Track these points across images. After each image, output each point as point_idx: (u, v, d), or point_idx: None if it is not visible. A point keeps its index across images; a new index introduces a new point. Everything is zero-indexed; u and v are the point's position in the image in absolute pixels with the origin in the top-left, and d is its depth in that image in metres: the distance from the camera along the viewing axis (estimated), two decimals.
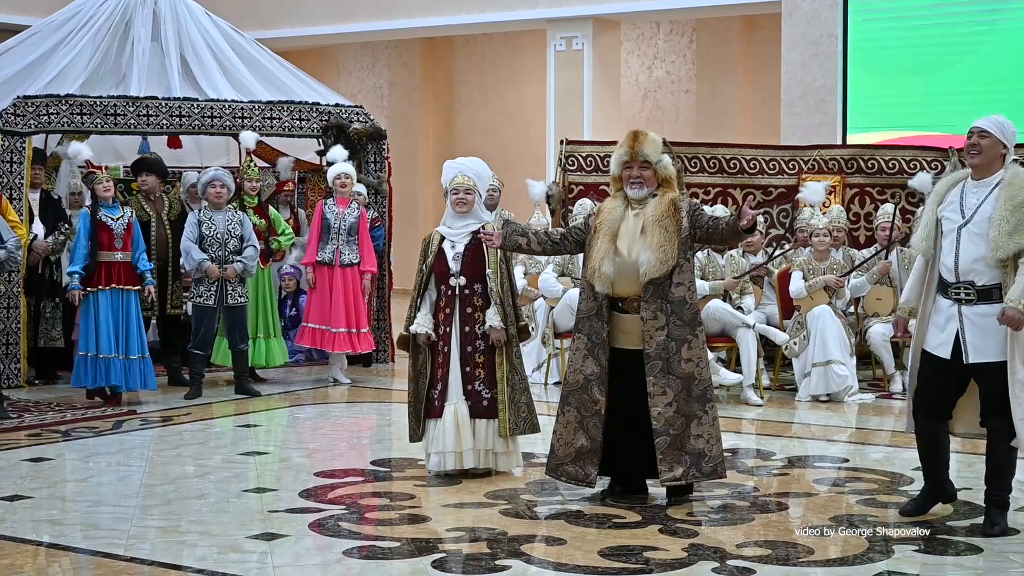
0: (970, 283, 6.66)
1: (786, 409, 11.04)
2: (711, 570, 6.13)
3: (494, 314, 7.99)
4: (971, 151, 6.74)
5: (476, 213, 8.12)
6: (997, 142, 6.70)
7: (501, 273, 8.05)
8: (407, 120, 23.34)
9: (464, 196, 8.07)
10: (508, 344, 8.05)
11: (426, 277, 8.09)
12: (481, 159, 8.37)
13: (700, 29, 21.05)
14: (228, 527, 6.98)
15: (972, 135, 6.76)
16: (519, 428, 8.08)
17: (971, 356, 6.67)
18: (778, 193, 12.02)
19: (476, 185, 8.10)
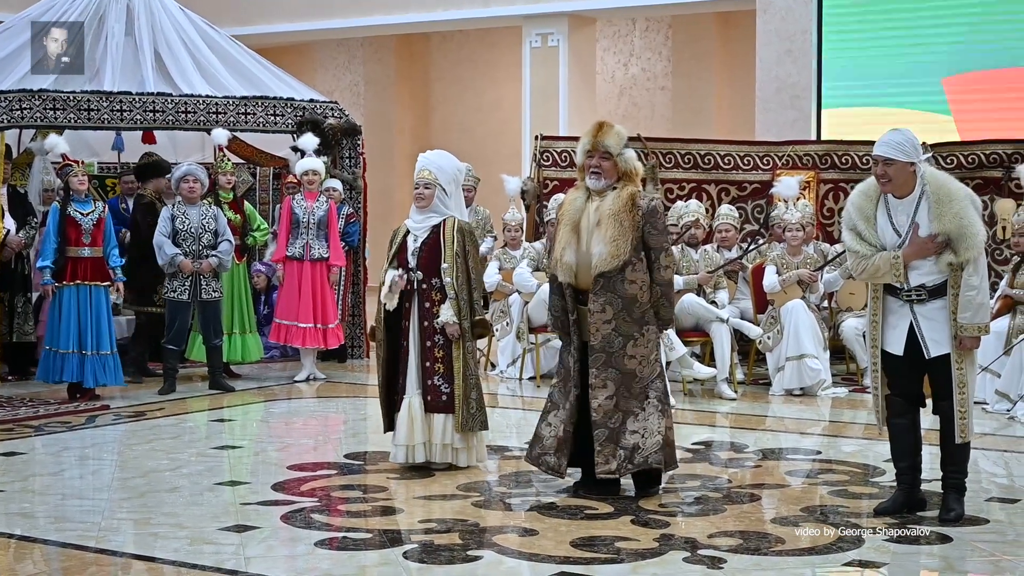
0: (921, 286, 6.75)
1: (760, 403, 11.07)
2: (682, 559, 6.15)
3: (447, 308, 7.99)
4: (881, 180, 6.74)
5: (438, 208, 8.08)
6: (904, 165, 6.70)
7: (457, 268, 8.01)
8: (383, 117, 23.33)
9: (422, 191, 8.04)
10: (463, 339, 8.04)
11: (388, 266, 8.10)
12: (453, 154, 8.35)
13: (676, 26, 21.09)
14: (200, 520, 6.97)
15: (877, 164, 6.74)
16: (469, 424, 8.04)
17: (931, 351, 6.76)
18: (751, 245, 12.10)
19: (438, 179, 8.04)
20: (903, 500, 6.98)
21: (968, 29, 15.65)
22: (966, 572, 6.16)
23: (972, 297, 6.63)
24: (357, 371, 13.08)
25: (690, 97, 20.71)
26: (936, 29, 15.81)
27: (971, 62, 15.55)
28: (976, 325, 6.64)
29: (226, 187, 12.16)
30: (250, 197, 13.79)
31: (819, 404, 10.95)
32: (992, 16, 15.51)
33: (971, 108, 15.31)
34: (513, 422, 10.32)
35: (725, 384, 11.18)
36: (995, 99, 15.24)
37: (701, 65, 20.70)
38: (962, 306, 6.64)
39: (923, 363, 6.83)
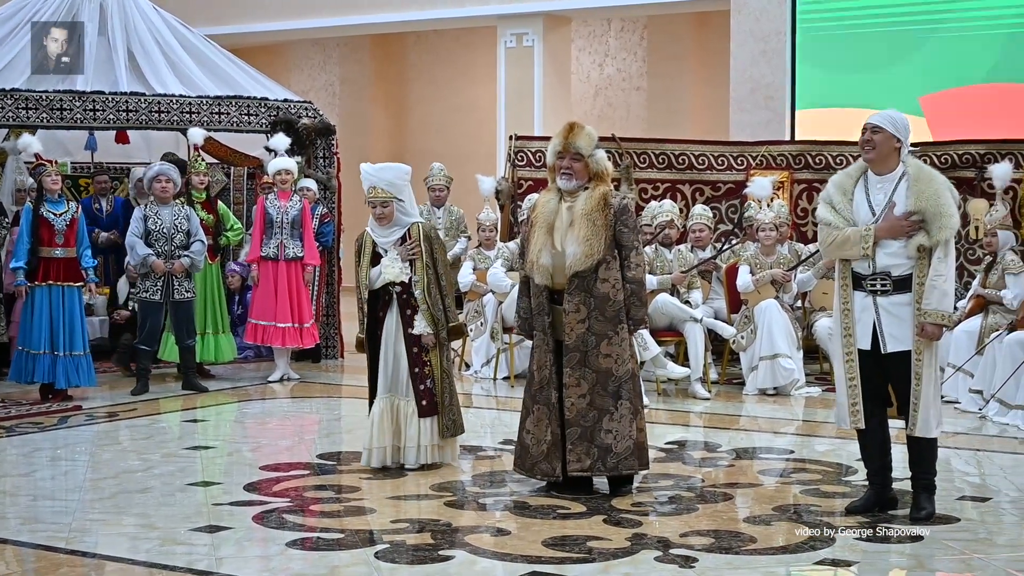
0: (886, 274, 6.75)
1: (733, 402, 11.09)
2: (654, 559, 6.15)
3: (420, 319, 8.02)
4: (865, 147, 6.83)
5: (399, 220, 8.11)
6: (890, 136, 6.79)
7: (428, 278, 8.03)
8: (359, 117, 23.29)
9: (381, 210, 8.08)
10: (439, 348, 8.08)
11: (362, 282, 8.10)
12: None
13: (651, 26, 21.11)
14: (172, 520, 6.95)
15: (865, 131, 6.84)
16: (451, 430, 8.16)
17: (889, 346, 6.77)
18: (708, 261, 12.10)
19: (392, 194, 8.06)
20: (875, 499, 7.00)
21: (940, 31, 15.70)
22: (937, 570, 6.17)
23: (938, 283, 6.63)
24: (331, 371, 13.06)
25: (665, 97, 20.73)
26: (910, 31, 15.86)
27: (943, 68, 15.61)
28: (940, 312, 6.62)
29: (199, 187, 12.13)
30: (224, 197, 13.75)
31: (792, 403, 10.98)
32: (969, 28, 15.57)
33: (947, 123, 15.35)
34: (487, 422, 10.32)
35: (699, 384, 11.20)
36: (971, 114, 15.29)
37: (676, 65, 20.73)
38: (927, 291, 6.63)
39: (883, 360, 6.84)
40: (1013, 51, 15.22)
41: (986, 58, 15.34)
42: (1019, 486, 7.88)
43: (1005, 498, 7.51)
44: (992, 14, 15.40)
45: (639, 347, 10.41)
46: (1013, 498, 7.54)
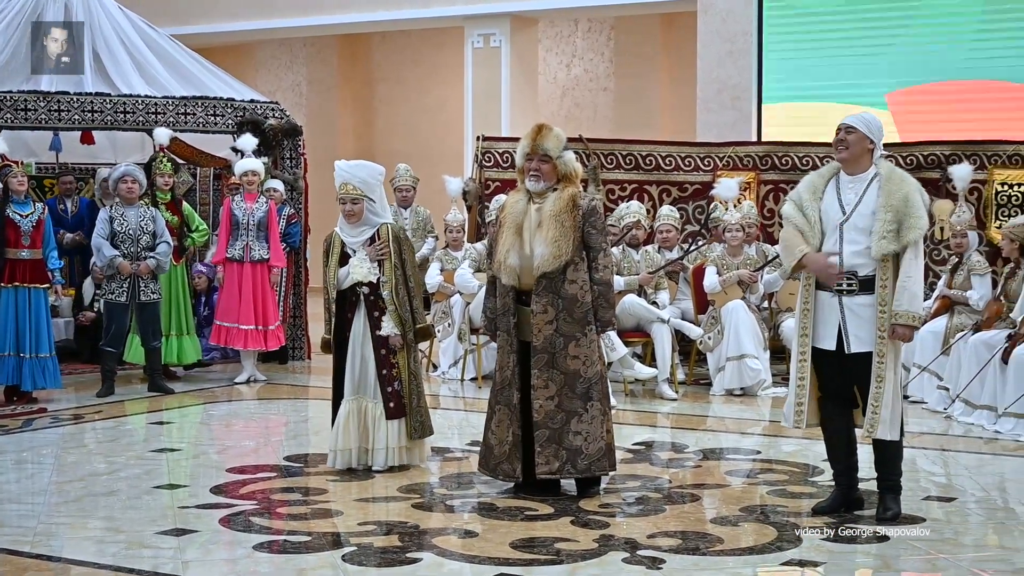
0: (853, 273, 6.77)
1: (700, 403, 11.11)
2: (621, 560, 6.16)
3: (388, 320, 8.00)
4: (839, 147, 6.88)
5: (368, 219, 8.10)
6: (863, 137, 6.83)
7: (396, 279, 8.02)
8: (326, 117, 23.26)
9: (351, 207, 8.06)
10: (406, 349, 8.07)
11: (331, 281, 8.08)
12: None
13: (618, 27, 21.14)
14: (138, 523, 6.91)
15: (839, 131, 6.89)
16: (418, 432, 8.15)
17: (853, 346, 6.80)
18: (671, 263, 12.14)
19: (363, 192, 8.05)
20: (841, 500, 7.03)
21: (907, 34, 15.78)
22: (903, 571, 6.20)
23: (908, 284, 6.66)
24: (298, 373, 13.02)
25: (632, 98, 20.77)
26: (877, 32, 15.92)
27: (911, 68, 15.68)
28: (911, 314, 6.65)
29: (164, 188, 12.07)
30: (190, 198, 13.70)
31: (759, 404, 11.01)
32: (933, 27, 15.64)
33: (913, 120, 15.42)
34: (455, 423, 10.31)
35: (666, 384, 11.21)
36: (937, 111, 15.36)
37: (643, 66, 20.77)
38: (898, 292, 6.66)
39: (848, 360, 6.86)
40: (980, 48, 15.30)
41: (954, 56, 15.40)
42: (984, 486, 7.92)
43: (970, 498, 7.55)
44: (959, 12, 15.47)
45: (606, 348, 10.41)
46: (978, 498, 7.58)
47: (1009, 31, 15.23)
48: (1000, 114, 14.90)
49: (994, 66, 15.20)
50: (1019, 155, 12.41)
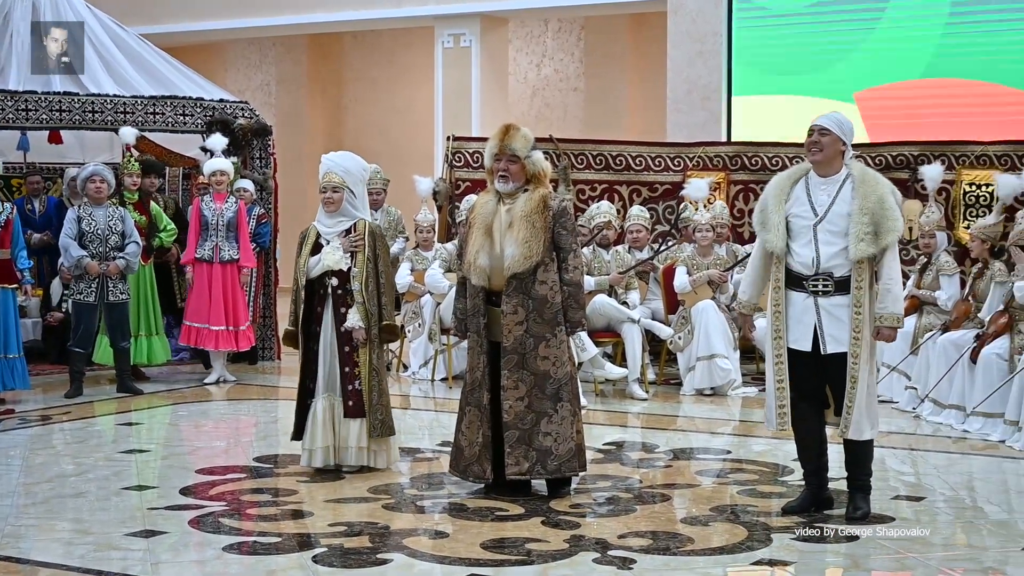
0: (829, 275, 6.79)
1: (671, 403, 11.13)
2: (592, 560, 6.16)
3: (354, 313, 7.97)
4: (812, 148, 6.89)
5: (347, 211, 8.07)
6: (836, 139, 6.85)
7: (367, 273, 7.99)
8: (295, 117, 23.20)
9: (331, 195, 8.03)
10: (370, 345, 8.02)
11: (301, 271, 8.04)
12: (367, 155, 8.32)
13: (588, 27, 21.15)
14: (107, 525, 6.88)
15: (813, 133, 6.90)
16: (378, 430, 8.05)
17: (829, 347, 6.82)
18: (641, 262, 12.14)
19: (345, 182, 8.03)
20: (811, 499, 7.05)
21: (875, 32, 15.83)
22: (872, 570, 6.22)
23: (891, 286, 6.71)
24: (268, 373, 12.98)
25: (602, 98, 20.78)
26: (847, 35, 15.97)
27: (879, 68, 15.73)
28: (895, 315, 6.71)
29: (131, 188, 12.02)
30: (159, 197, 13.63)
31: (729, 404, 11.04)
32: (901, 26, 15.71)
33: (882, 120, 15.48)
34: (425, 423, 10.30)
35: (636, 384, 11.22)
36: (905, 110, 15.42)
37: (613, 66, 20.79)
38: (881, 295, 6.70)
39: (823, 361, 6.88)
40: (949, 47, 15.36)
41: (922, 55, 15.47)
42: (953, 485, 7.96)
43: (939, 497, 7.58)
44: (928, 11, 15.54)
45: (577, 348, 10.43)
46: (947, 497, 7.62)
47: (977, 30, 15.29)
48: (968, 113, 14.97)
49: (962, 65, 15.26)
50: (987, 156, 12.47)
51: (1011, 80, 15.00)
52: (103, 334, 11.59)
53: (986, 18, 15.28)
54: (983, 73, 15.14)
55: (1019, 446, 8.85)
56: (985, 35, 15.22)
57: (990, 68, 15.10)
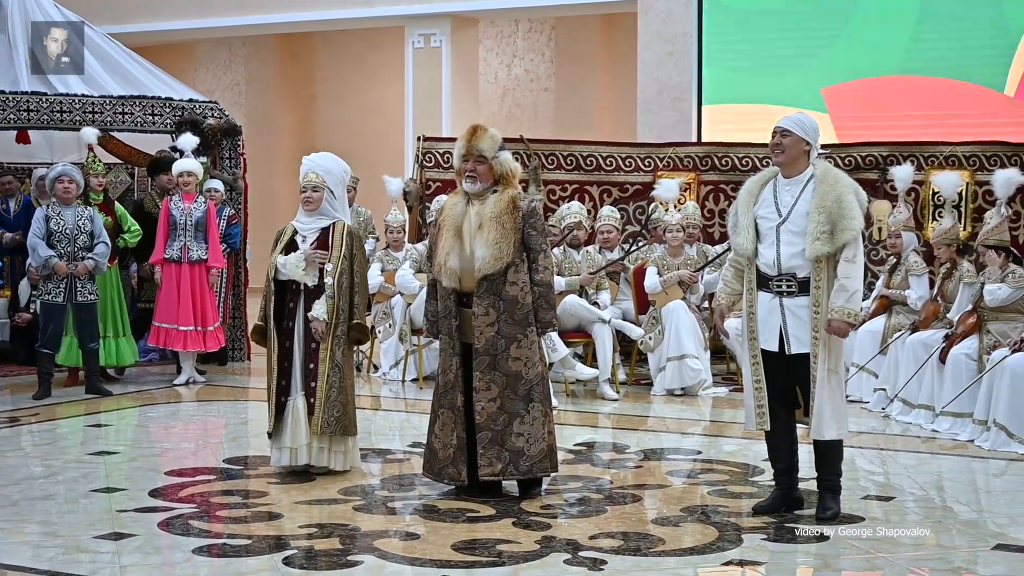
0: (792, 275, 6.81)
1: (641, 403, 11.14)
2: (563, 561, 6.15)
3: (321, 304, 7.92)
4: (775, 150, 6.91)
5: (327, 211, 8.04)
6: (799, 140, 6.87)
7: (341, 270, 7.96)
8: (265, 117, 23.13)
9: (311, 194, 8.00)
10: (333, 342, 7.96)
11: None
12: (337, 155, 8.29)
13: (559, 27, 21.16)
14: (75, 527, 6.84)
15: (775, 135, 6.93)
16: (330, 428, 7.93)
17: (793, 347, 6.84)
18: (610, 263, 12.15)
19: (325, 182, 8.00)
20: (781, 499, 7.07)
21: (846, 34, 15.87)
22: (842, 570, 6.23)
23: (846, 284, 6.69)
24: (238, 374, 12.94)
25: (573, 98, 20.79)
26: (815, 33, 16.01)
27: (849, 67, 15.78)
28: (847, 310, 6.69)
29: (96, 188, 11.95)
30: (128, 198, 13.59)
31: (700, 404, 11.05)
32: (871, 25, 15.76)
33: (850, 116, 15.54)
34: (396, 424, 10.28)
35: (607, 385, 11.23)
36: (873, 106, 15.48)
37: (584, 66, 20.80)
38: (836, 291, 6.70)
39: (789, 361, 6.90)
40: (918, 46, 15.41)
41: (893, 54, 15.52)
42: (922, 485, 7.99)
43: (909, 497, 7.61)
44: (898, 9, 15.59)
45: (547, 349, 10.42)
46: (917, 497, 7.64)
47: (947, 28, 15.35)
48: (936, 111, 15.02)
49: (931, 63, 15.32)
50: (956, 156, 12.53)
51: (981, 79, 15.05)
52: (70, 336, 11.49)
53: (956, 16, 15.33)
54: (953, 71, 15.19)
55: (988, 446, 8.89)
56: (955, 33, 15.27)
57: (960, 66, 15.15)
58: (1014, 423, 8.80)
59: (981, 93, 15.01)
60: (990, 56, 15.01)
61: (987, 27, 15.10)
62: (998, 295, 9.38)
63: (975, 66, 15.07)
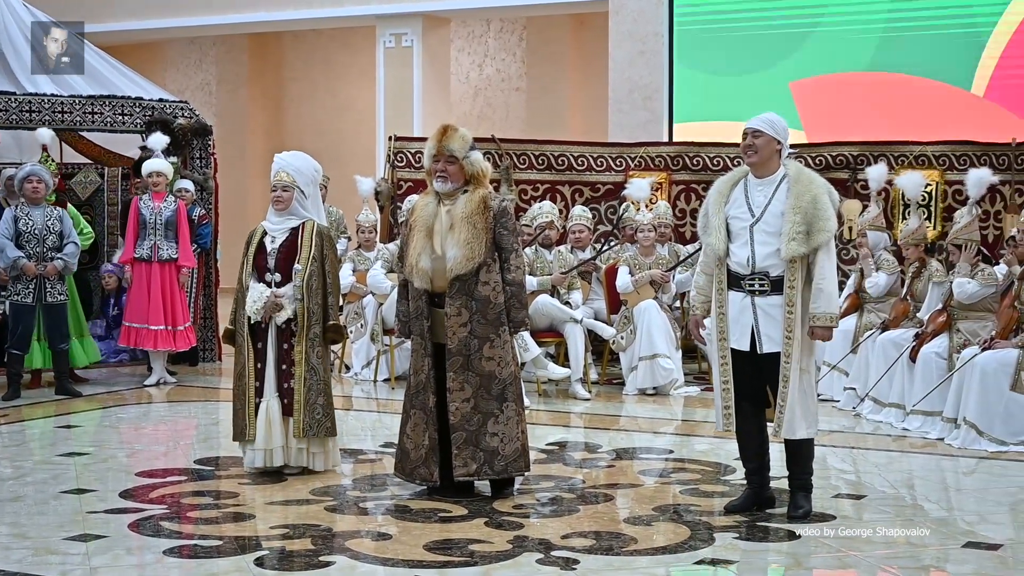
0: (764, 274, 6.82)
1: (613, 403, 11.15)
2: (535, 561, 6.16)
3: (290, 302, 7.91)
4: (747, 152, 6.93)
5: (296, 210, 8.01)
6: (771, 139, 6.90)
7: (311, 271, 7.94)
8: (236, 116, 23.06)
9: (281, 194, 7.97)
10: (307, 344, 7.94)
11: (245, 271, 7.99)
12: (308, 154, 8.27)
13: (530, 27, 21.16)
14: (45, 529, 6.80)
15: (746, 136, 6.94)
16: (313, 430, 7.94)
17: (765, 346, 6.85)
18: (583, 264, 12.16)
19: (296, 181, 7.98)
20: (753, 498, 7.08)
21: (816, 34, 15.92)
22: (814, 568, 6.25)
23: (824, 285, 6.74)
24: (209, 374, 12.90)
25: (544, 98, 20.80)
26: (784, 31, 16.05)
27: (818, 66, 15.82)
28: (828, 314, 6.75)
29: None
30: (98, 198, 13.52)
31: (672, 403, 11.07)
32: (840, 20, 15.80)
33: (818, 111, 15.58)
34: (368, 424, 10.26)
35: (579, 384, 11.23)
36: (841, 103, 15.52)
37: (555, 66, 20.81)
38: (814, 294, 6.74)
39: (761, 361, 6.92)
40: (888, 47, 15.46)
41: (862, 54, 15.57)
42: (893, 483, 8.02)
43: (880, 495, 7.64)
44: (868, 10, 15.65)
45: (520, 348, 10.42)
46: (887, 495, 7.68)
47: (917, 26, 15.41)
48: (905, 109, 15.08)
49: (901, 60, 15.37)
50: (925, 156, 12.58)
51: (950, 78, 15.12)
52: (38, 339, 11.39)
53: (926, 15, 15.38)
54: (922, 69, 15.25)
55: (958, 444, 8.93)
56: (923, 33, 15.33)
57: (929, 65, 15.22)
58: (984, 421, 8.85)
59: (949, 92, 15.07)
60: (958, 55, 15.07)
61: (955, 26, 15.16)
62: (967, 289, 9.42)
63: (943, 65, 15.13)
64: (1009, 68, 14.78)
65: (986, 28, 14.96)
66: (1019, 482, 7.96)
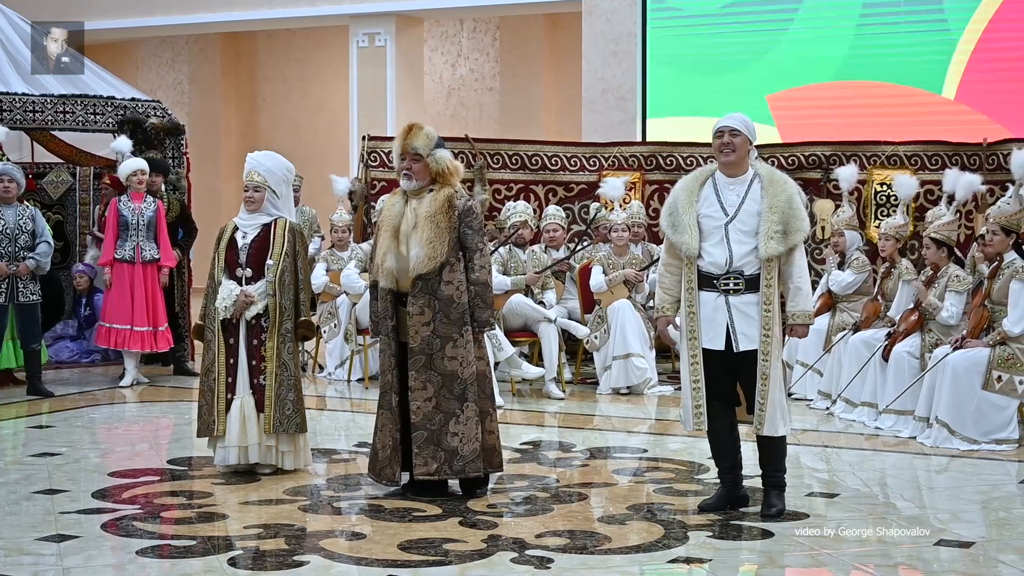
0: (740, 273, 6.84)
1: (587, 402, 11.16)
2: (510, 560, 6.16)
3: (262, 298, 7.91)
4: (724, 150, 6.93)
5: (268, 210, 8.02)
6: (746, 139, 6.95)
7: (283, 267, 7.93)
8: (209, 116, 23.00)
9: (252, 194, 7.98)
10: (278, 340, 7.93)
11: (217, 266, 7.98)
12: (281, 154, 8.26)
13: (503, 27, 21.17)
14: (17, 529, 6.78)
15: (723, 135, 6.95)
16: (283, 426, 7.93)
17: (742, 344, 6.87)
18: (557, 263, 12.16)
19: (267, 182, 7.98)
20: (726, 497, 7.11)
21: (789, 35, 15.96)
22: (787, 566, 6.28)
23: (800, 284, 6.82)
24: (182, 374, 12.83)
25: (518, 98, 20.80)
26: (760, 35, 16.08)
27: (794, 76, 15.86)
28: (806, 312, 6.85)
29: None
30: (70, 197, 13.48)
31: (645, 402, 11.09)
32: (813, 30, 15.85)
33: (794, 121, 15.61)
34: (341, 424, 10.25)
35: (553, 384, 11.24)
36: (817, 113, 15.57)
37: (528, 66, 20.82)
38: (792, 293, 6.82)
39: (735, 360, 6.94)
40: (860, 50, 15.52)
41: (834, 57, 15.62)
42: (865, 481, 8.05)
43: (852, 493, 7.67)
44: (840, 14, 15.70)
45: (494, 348, 10.43)
46: (860, 493, 7.71)
47: (887, 32, 15.46)
48: (878, 115, 15.14)
49: (872, 67, 15.44)
50: (897, 156, 12.63)
51: (920, 82, 15.18)
52: (10, 339, 11.33)
53: (895, 21, 15.45)
54: (893, 75, 15.31)
55: (930, 442, 8.97)
56: (895, 37, 15.39)
57: (900, 70, 15.28)
58: (955, 420, 8.89)
59: (919, 96, 15.14)
60: (928, 59, 15.14)
61: (926, 30, 15.22)
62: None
63: (913, 69, 15.19)
64: (978, 71, 14.86)
65: (956, 32, 15.03)
66: (991, 480, 8.01)
